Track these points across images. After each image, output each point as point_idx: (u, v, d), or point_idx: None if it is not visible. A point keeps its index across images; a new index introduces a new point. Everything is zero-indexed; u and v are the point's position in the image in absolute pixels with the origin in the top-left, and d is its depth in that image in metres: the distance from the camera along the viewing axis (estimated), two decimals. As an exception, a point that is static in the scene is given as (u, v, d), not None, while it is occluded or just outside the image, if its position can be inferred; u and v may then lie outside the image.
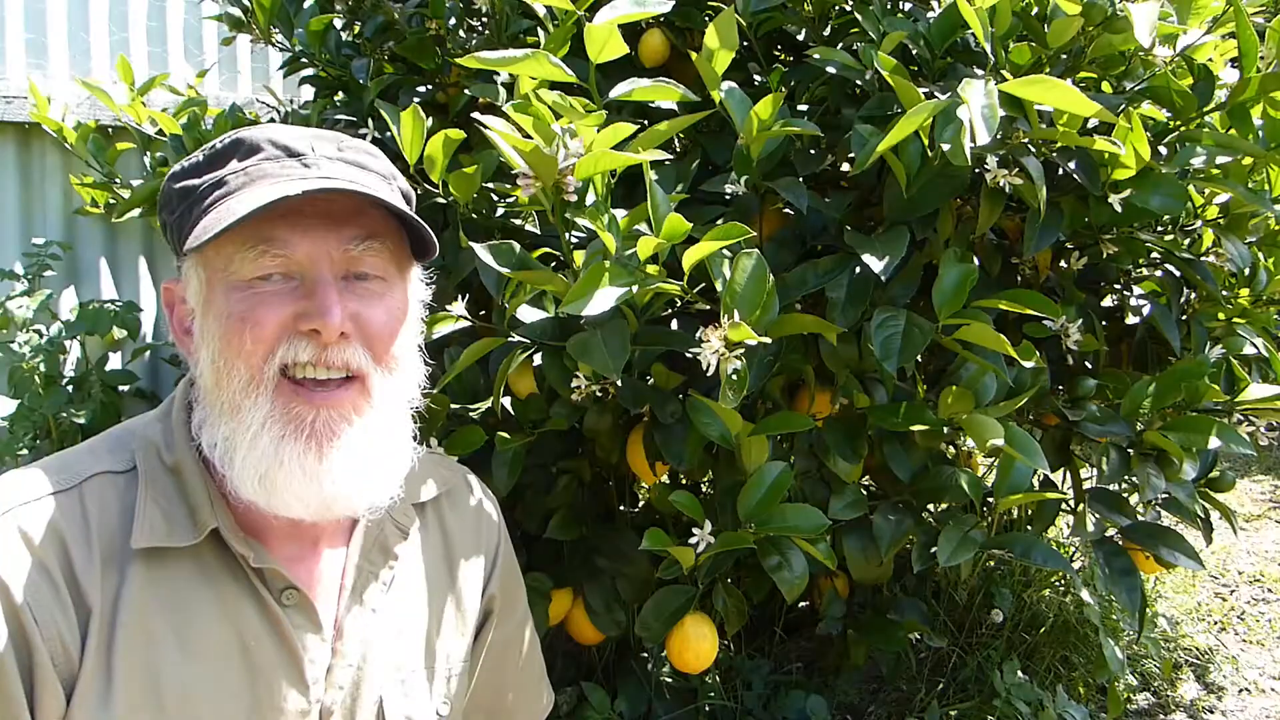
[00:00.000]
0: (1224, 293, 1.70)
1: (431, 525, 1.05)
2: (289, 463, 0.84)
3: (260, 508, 0.86)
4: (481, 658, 1.09)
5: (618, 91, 1.27)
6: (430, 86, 1.88)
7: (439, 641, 1.02)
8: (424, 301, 1.00)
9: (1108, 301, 1.80)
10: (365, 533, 0.97)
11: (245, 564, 0.88)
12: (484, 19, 1.83)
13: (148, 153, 2.39)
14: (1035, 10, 1.40)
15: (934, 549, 1.44)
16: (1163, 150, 1.49)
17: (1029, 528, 1.92)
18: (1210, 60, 1.43)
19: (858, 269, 1.41)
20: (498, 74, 1.59)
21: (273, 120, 2.35)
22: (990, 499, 1.55)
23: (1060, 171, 1.49)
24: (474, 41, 1.82)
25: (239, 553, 0.87)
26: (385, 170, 0.94)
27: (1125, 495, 1.67)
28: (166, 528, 0.86)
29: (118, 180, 2.50)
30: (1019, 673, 2.14)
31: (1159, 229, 1.65)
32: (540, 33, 1.48)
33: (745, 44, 1.64)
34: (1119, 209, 1.43)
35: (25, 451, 2.43)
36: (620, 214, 1.19)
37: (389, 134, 1.61)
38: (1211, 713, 2.41)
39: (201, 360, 0.87)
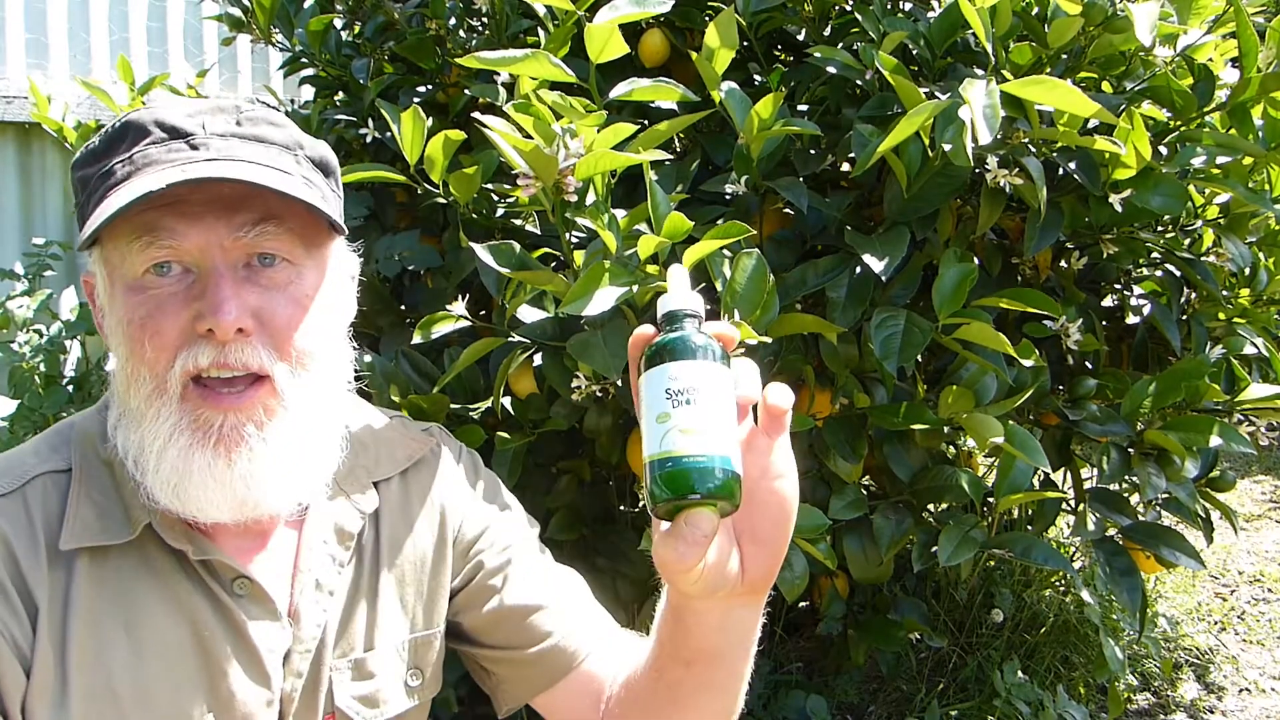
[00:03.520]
0: (1224, 293, 1.70)
1: (394, 500, 0.99)
2: (198, 472, 0.80)
3: (178, 514, 0.83)
4: (495, 599, 0.99)
5: (618, 91, 1.26)
6: (430, 86, 1.87)
7: (403, 613, 0.97)
8: (354, 276, 0.95)
9: (1108, 301, 1.80)
10: (320, 515, 0.93)
11: (187, 557, 0.85)
12: (484, 19, 1.83)
13: (148, 153, 2.38)
14: (1035, 10, 1.40)
15: (934, 549, 1.44)
16: (1163, 150, 1.49)
17: (1029, 528, 1.91)
18: (1210, 60, 1.43)
19: (858, 269, 1.41)
20: (498, 74, 1.59)
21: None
22: (990, 499, 1.55)
23: (1060, 171, 1.49)
24: (474, 41, 1.82)
25: (177, 547, 0.85)
26: (288, 140, 0.86)
27: (1126, 495, 1.66)
28: (100, 525, 0.83)
29: (118, 180, 2.50)
30: (1019, 673, 2.14)
31: (1159, 229, 1.65)
32: (540, 33, 1.48)
33: (745, 44, 1.64)
34: (1119, 209, 1.43)
35: (25, 451, 2.43)
36: (620, 214, 1.19)
37: (389, 134, 1.61)
38: (1212, 713, 2.41)
39: (113, 361, 0.84)
